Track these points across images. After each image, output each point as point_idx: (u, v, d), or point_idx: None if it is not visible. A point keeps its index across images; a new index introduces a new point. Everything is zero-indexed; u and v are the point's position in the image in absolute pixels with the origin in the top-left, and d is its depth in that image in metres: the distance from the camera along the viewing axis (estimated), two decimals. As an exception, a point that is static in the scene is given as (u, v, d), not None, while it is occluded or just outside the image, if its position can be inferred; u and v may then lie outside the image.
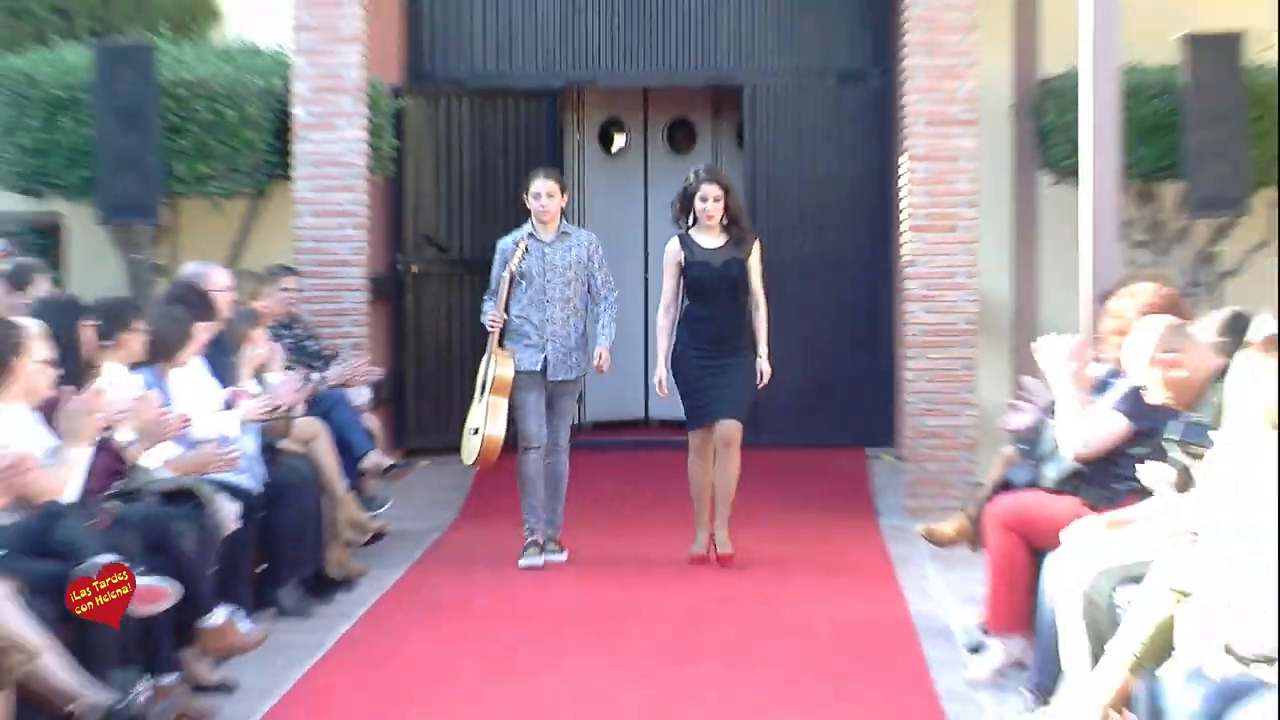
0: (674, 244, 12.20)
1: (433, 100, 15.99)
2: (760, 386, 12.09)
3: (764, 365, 12.02)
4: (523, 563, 11.95)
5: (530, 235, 12.10)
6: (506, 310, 12.04)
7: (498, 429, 11.85)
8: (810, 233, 16.01)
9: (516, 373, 11.94)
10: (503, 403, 11.91)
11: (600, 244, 12.32)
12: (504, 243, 12.20)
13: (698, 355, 12.01)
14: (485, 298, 12.26)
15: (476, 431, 11.94)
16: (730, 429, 11.95)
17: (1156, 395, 8.01)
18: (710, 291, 12.04)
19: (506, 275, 11.98)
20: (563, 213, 12.23)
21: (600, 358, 12.13)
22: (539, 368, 12.02)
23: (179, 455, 9.87)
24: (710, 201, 12.01)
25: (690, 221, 12.18)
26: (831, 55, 16.36)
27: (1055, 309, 13.80)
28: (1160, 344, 7.95)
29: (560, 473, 12.27)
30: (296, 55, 13.80)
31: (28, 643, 6.98)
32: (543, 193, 12.08)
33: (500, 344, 12.03)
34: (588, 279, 12.21)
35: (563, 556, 12.19)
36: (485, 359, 12.04)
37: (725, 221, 12.11)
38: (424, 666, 9.68)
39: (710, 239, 12.11)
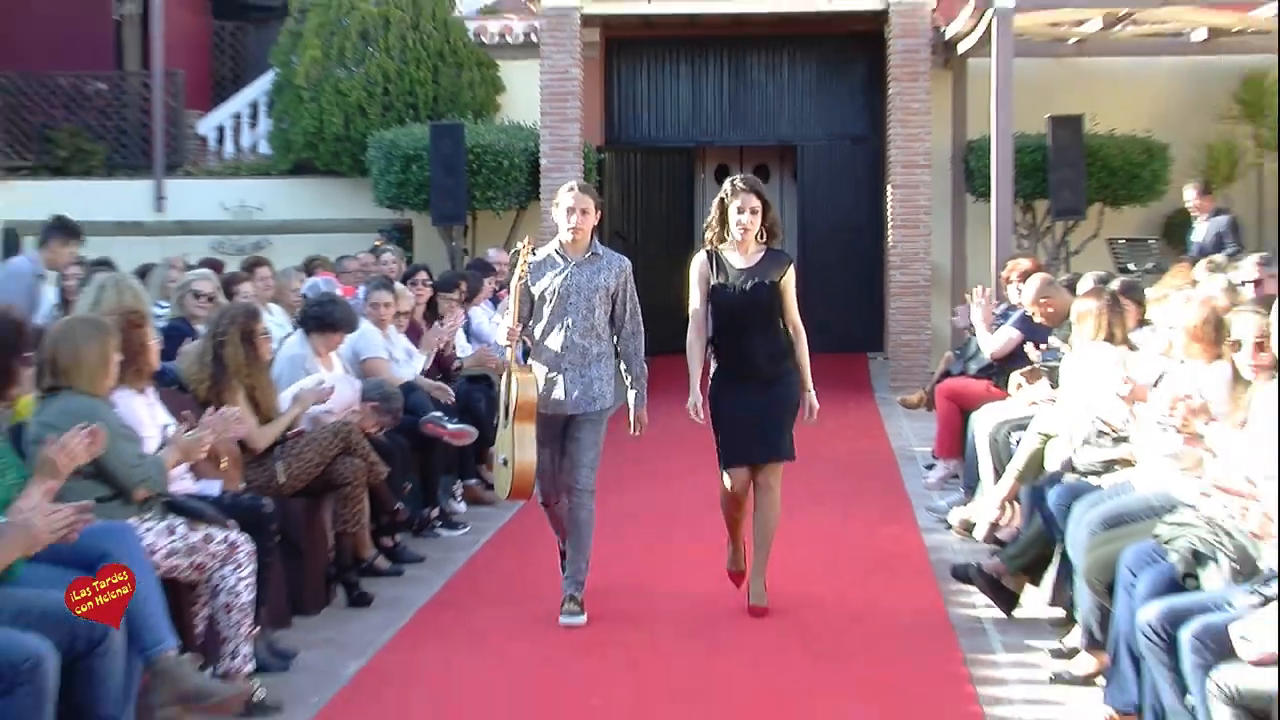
0: (701, 258, 6.46)
1: (619, 155, 15.95)
2: (809, 422, 6.53)
3: (812, 400, 6.53)
4: (564, 620, 6.35)
5: (557, 252, 6.39)
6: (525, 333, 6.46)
7: (528, 455, 6.26)
8: (836, 233, 15.92)
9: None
10: (530, 428, 6.28)
11: (631, 275, 6.43)
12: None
13: (733, 387, 6.44)
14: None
15: (506, 462, 6.33)
16: (770, 473, 6.49)
17: (1038, 318, 8.06)
18: (738, 319, 6.40)
19: (516, 287, 6.32)
20: (595, 231, 6.42)
21: (636, 425, 6.39)
22: (558, 409, 6.36)
23: (472, 355, 9.82)
24: (747, 214, 6.32)
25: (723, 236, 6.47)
26: (848, 126, 16.18)
27: (975, 273, 13.67)
28: (1039, 292, 8.02)
29: (582, 520, 6.40)
30: (542, 129, 13.74)
31: (380, 460, 6.86)
32: (576, 209, 6.33)
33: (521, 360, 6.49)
34: (612, 308, 6.40)
35: (580, 619, 6.32)
36: (505, 379, 6.39)
37: (763, 238, 6.42)
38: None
39: (741, 258, 6.41)
